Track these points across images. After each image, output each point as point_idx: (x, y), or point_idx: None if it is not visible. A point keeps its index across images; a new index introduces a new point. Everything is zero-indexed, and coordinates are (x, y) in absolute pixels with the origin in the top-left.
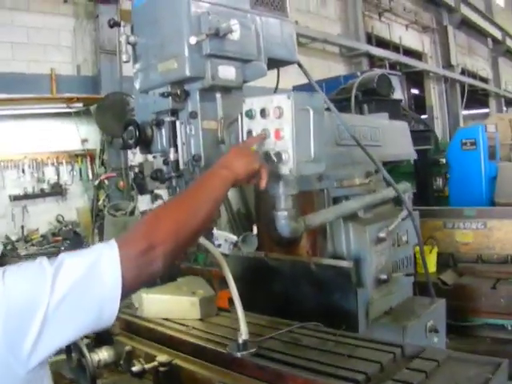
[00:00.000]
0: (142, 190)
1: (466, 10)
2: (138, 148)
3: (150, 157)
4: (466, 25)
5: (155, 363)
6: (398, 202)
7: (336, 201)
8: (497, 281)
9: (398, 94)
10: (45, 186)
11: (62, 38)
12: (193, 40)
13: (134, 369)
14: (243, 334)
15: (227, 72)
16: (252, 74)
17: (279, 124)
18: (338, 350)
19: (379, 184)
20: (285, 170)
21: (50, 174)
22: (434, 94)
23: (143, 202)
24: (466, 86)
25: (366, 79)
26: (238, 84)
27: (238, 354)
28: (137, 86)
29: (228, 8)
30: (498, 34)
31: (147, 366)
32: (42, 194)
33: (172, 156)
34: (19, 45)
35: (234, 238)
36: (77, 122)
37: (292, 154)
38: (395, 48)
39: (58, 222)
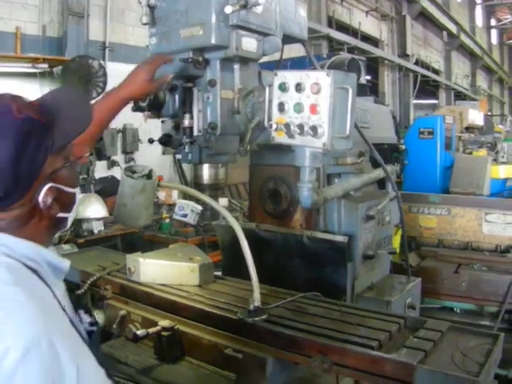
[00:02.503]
0: (100, 156)
1: (425, 2)
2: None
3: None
4: (423, 16)
5: (158, 328)
6: (380, 183)
7: (329, 178)
8: (458, 265)
9: (362, 79)
10: None
11: None
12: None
13: (139, 332)
14: (256, 301)
15: (249, 44)
16: (269, 47)
17: (315, 99)
18: (345, 319)
19: (367, 164)
20: (318, 143)
21: None
22: (388, 82)
23: (100, 168)
24: (419, 76)
25: (337, 62)
26: (257, 56)
27: (250, 320)
28: (152, 49)
29: None
30: (453, 28)
31: (151, 331)
32: None
33: (187, 122)
34: None
35: (200, 208)
36: (41, 83)
37: (328, 128)
38: (354, 33)
39: None
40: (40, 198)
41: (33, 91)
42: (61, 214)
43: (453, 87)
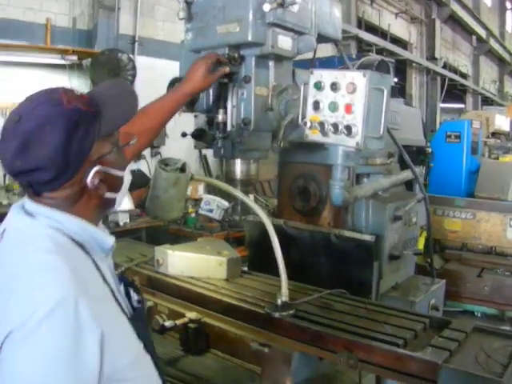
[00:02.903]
0: None
1: (455, 6)
2: None
3: None
4: (453, 20)
5: (185, 319)
6: (407, 185)
7: (358, 177)
8: (482, 270)
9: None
10: None
11: None
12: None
13: (167, 324)
14: (283, 296)
15: (285, 42)
16: (304, 46)
17: (351, 99)
18: (371, 317)
19: (395, 165)
20: (351, 142)
21: None
22: (415, 84)
23: None
24: (447, 79)
25: (366, 63)
26: (292, 55)
27: (277, 315)
28: (187, 44)
29: None
30: (482, 33)
31: (178, 322)
32: None
33: (221, 117)
34: None
35: (226, 203)
36: (70, 75)
37: (361, 128)
38: (383, 35)
39: None
40: (88, 180)
41: (62, 82)
42: (108, 195)
43: (480, 92)
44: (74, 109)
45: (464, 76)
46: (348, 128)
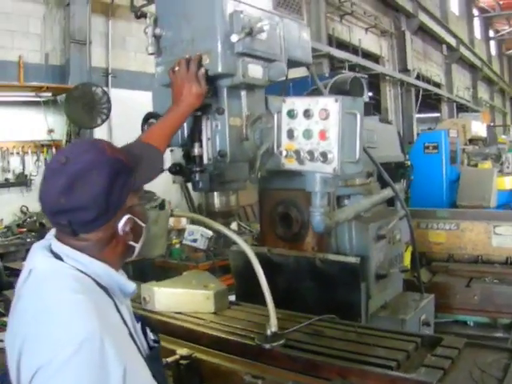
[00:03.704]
0: None
1: (423, 16)
2: None
3: None
4: (422, 31)
5: (176, 356)
6: (389, 202)
7: (339, 199)
8: (470, 279)
9: (365, 97)
10: (9, 176)
11: (31, 25)
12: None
13: None
14: (273, 326)
15: (255, 71)
16: (275, 73)
17: (324, 125)
18: (362, 340)
19: (375, 184)
20: (328, 169)
21: (15, 164)
22: (390, 97)
23: None
24: (421, 90)
25: (339, 81)
26: (264, 83)
27: (268, 346)
28: (158, 78)
29: (255, 8)
30: (452, 41)
31: (169, 360)
32: (7, 184)
33: (196, 151)
34: None
35: (210, 232)
36: (45, 112)
37: (337, 154)
38: (354, 51)
39: (23, 212)
40: (120, 226)
41: (38, 119)
42: (132, 243)
43: (454, 100)
44: (117, 159)
45: (438, 85)
46: (324, 155)
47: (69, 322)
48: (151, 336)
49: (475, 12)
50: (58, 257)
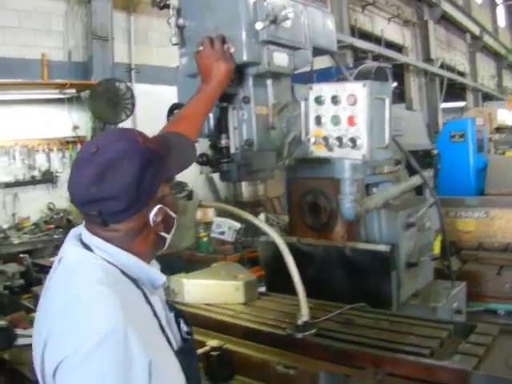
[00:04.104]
0: None
1: (445, 5)
2: None
3: None
4: (445, 20)
5: (207, 348)
6: (417, 190)
7: (367, 187)
8: (501, 267)
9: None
10: (36, 173)
11: (54, 23)
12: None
13: None
14: (304, 316)
15: (281, 59)
16: (300, 61)
17: (352, 111)
18: (394, 329)
19: (403, 172)
20: (358, 155)
21: (41, 161)
22: (414, 87)
23: None
24: (445, 79)
25: (364, 71)
26: (289, 71)
27: (299, 335)
28: (183, 69)
29: None
30: (475, 30)
31: (200, 351)
32: (33, 182)
33: (223, 142)
34: (10, 29)
35: (238, 225)
36: (69, 109)
37: (366, 140)
38: (377, 41)
39: (49, 209)
40: (151, 216)
41: (62, 116)
42: (163, 233)
43: (479, 88)
44: (148, 148)
45: (462, 74)
46: (353, 140)
47: (93, 314)
48: (184, 328)
49: (498, 0)
50: (87, 247)
